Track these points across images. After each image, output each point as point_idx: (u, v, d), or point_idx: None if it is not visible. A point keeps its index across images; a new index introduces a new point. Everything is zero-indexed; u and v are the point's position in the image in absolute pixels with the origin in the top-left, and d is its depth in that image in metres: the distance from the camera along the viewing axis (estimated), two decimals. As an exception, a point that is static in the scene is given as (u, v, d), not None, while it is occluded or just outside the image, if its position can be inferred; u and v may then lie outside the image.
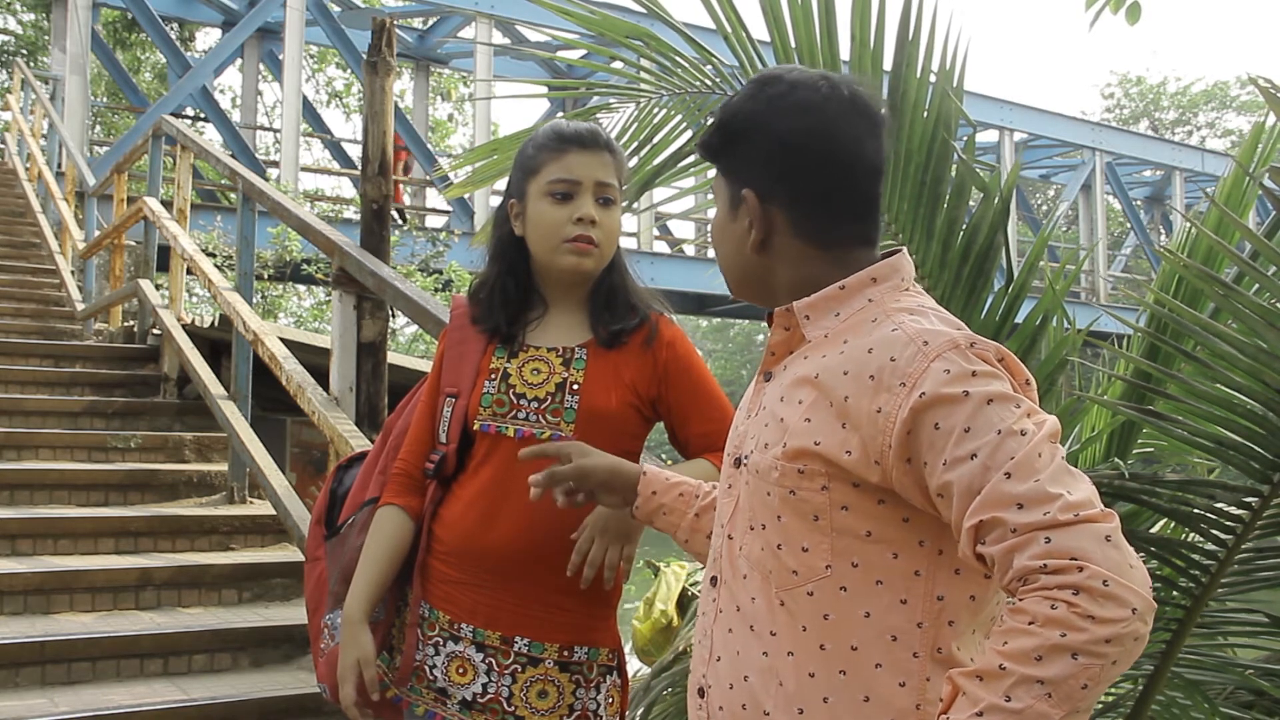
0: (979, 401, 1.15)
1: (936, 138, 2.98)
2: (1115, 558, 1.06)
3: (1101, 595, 1.04)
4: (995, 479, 1.11)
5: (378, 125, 3.98)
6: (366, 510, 2.01)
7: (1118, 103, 34.48)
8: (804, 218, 1.34)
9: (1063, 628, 1.04)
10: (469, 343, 1.95)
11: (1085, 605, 1.04)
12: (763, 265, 1.36)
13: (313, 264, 10.74)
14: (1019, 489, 1.10)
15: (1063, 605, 1.04)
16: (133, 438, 5.31)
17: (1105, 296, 19.90)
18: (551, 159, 1.88)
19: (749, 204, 1.34)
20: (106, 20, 17.86)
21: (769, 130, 1.33)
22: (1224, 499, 2.59)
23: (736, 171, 1.37)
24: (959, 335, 1.21)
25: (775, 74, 1.37)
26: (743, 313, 19.56)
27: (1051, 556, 1.06)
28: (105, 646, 3.54)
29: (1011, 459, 1.12)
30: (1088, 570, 1.05)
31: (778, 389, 1.33)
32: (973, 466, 1.13)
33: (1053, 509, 1.08)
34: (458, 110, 22.98)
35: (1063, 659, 1.04)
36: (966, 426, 1.15)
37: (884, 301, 1.30)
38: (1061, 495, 1.09)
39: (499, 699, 1.83)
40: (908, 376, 1.19)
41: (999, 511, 1.10)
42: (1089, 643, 1.03)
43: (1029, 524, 1.08)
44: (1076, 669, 1.04)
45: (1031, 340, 2.93)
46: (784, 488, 1.27)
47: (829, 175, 1.33)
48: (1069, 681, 1.04)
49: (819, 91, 1.33)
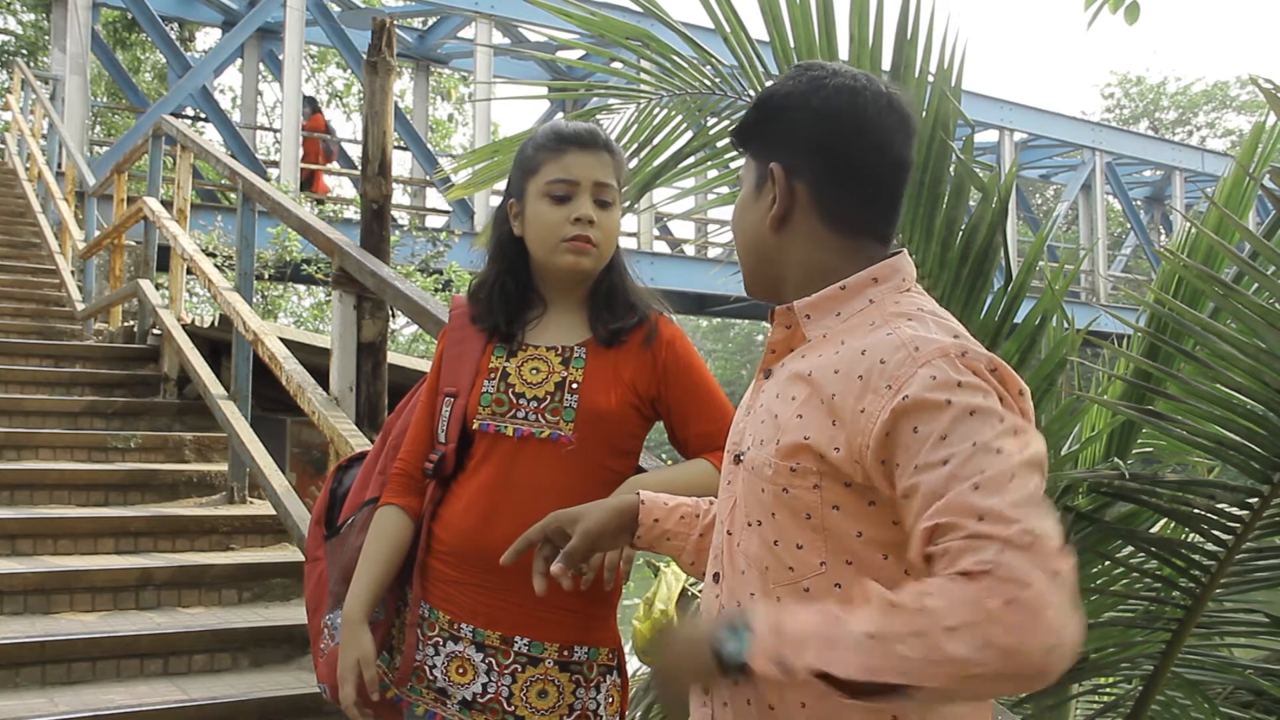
0: (960, 411, 1.15)
1: (935, 138, 2.98)
2: (1058, 597, 1.04)
3: (1032, 620, 1.03)
4: (961, 488, 1.11)
5: (378, 125, 3.98)
6: (366, 510, 2.01)
7: (1118, 103, 34.48)
8: (826, 196, 1.35)
9: (988, 623, 1.03)
10: (468, 342, 1.95)
11: (1015, 617, 1.03)
12: (777, 246, 1.37)
13: (313, 264, 10.74)
14: (983, 503, 1.09)
15: (998, 604, 1.03)
16: (133, 438, 5.31)
17: (1105, 296, 19.89)
18: (550, 159, 1.88)
19: (775, 177, 1.35)
20: (106, 20, 17.86)
21: (805, 106, 1.35)
22: (1224, 499, 2.59)
23: (768, 147, 1.38)
24: (950, 344, 1.21)
25: (815, 62, 1.40)
26: (743, 313, 19.56)
27: (1001, 568, 1.05)
28: (105, 646, 3.54)
29: (982, 473, 1.11)
30: (1032, 591, 1.04)
31: (775, 386, 1.34)
32: (941, 473, 1.12)
33: (1013, 530, 1.07)
34: (458, 110, 22.97)
35: (966, 645, 1.03)
36: (943, 434, 1.14)
37: (884, 303, 1.31)
38: (1022, 520, 1.07)
39: (499, 699, 1.83)
40: (894, 380, 1.19)
41: (958, 518, 1.09)
42: (998, 650, 1.03)
43: (986, 533, 1.07)
44: (967, 662, 1.03)
45: (1031, 340, 2.93)
46: (777, 485, 1.27)
47: (856, 156, 1.34)
48: (952, 665, 1.04)
49: (857, 80, 1.35)
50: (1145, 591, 2.95)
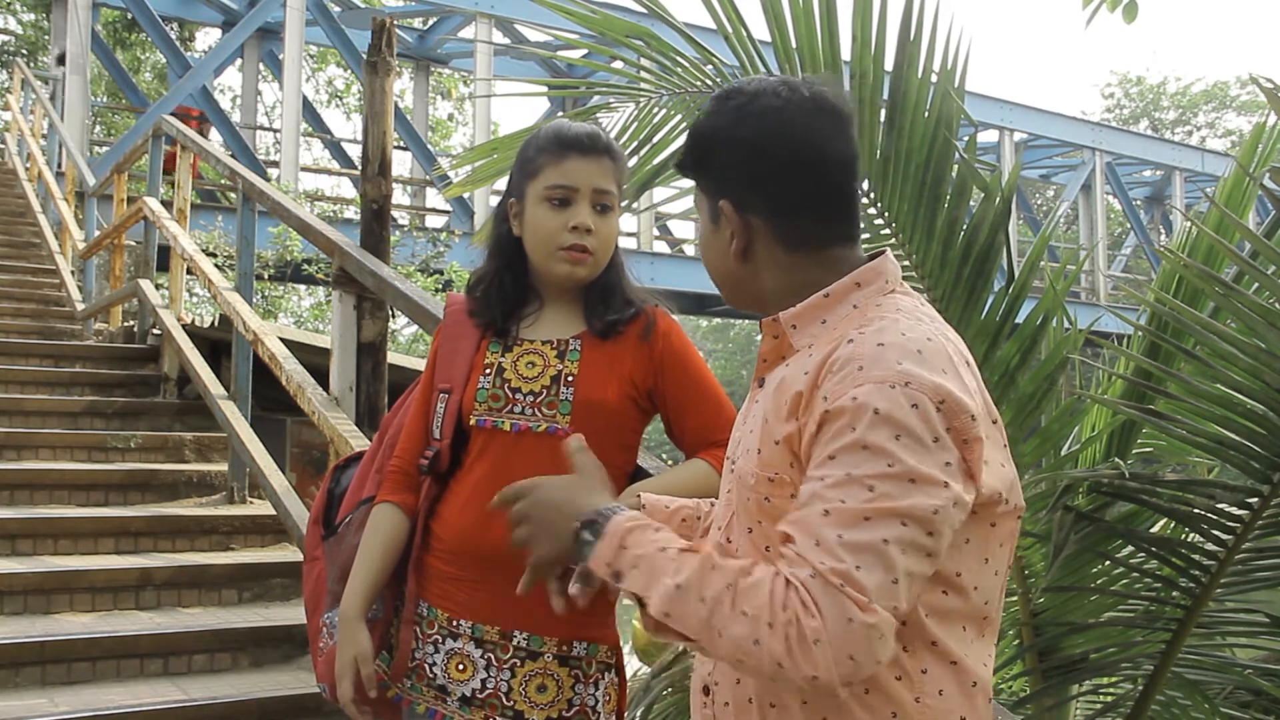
0: (855, 441, 1.16)
1: (937, 137, 2.98)
2: (841, 637, 1.09)
3: (803, 647, 1.09)
4: (815, 508, 1.15)
5: (378, 125, 3.98)
6: (363, 509, 2.01)
7: (1118, 103, 34.48)
8: (782, 222, 1.35)
9: (770, 626, 1.11)
10: (463, 339, 1.96)
11: (791, 635, 1.10)
12: (748, 273, 1.38)
13: (313, 264, 10.74)
14: (822, 530, 1.14)
15: (785, 617, 1.10)
16: (133, 438, 5.31)
17: (1105, 296, 19.90)
18: (550, 163, 1.88)
19: (727, 214, 1.36)
20: (106, 20, 17.86)
21: (734, 140, 1.35)
22: (1224, 499, 2.59)
23: (712, 184, 1.38)
24: (895, 372, 1.18)
25: (735, 87, 1.39)
26: (742, 313, 19.55)
27: (807, 590, 1.11)
28: (105, 646, 3.54)
29: (841, 503, 1.14)
30: (815, 624, 1.09)
31: (765, 397, 1.34)
32: (812, 488, 1.17)
33: (828, 565, 1.12)
34: (458, 110, 22.99)
35: (744, 633, 1.12)
36: (832, 454, 1.17)
37: (866, 308, 1.30)
38: (845, 562, 1.11)
39: (498, 694, 1.83)
40: (831, 392, 1.20)
41: (799, 534, 1.15)
42: (767, 653, 1.11)
43: (808, 558, 1.13)
44: (738, 647, 1.12)
45: (1032, 340, 2.93)
46: (760, 494, 1.29)
47: (798, 177, 1.34)
48: (727, 643, 1.13)
49: (779, 96, 1.34)
50: (1145, 591, 2.95)
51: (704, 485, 1.81)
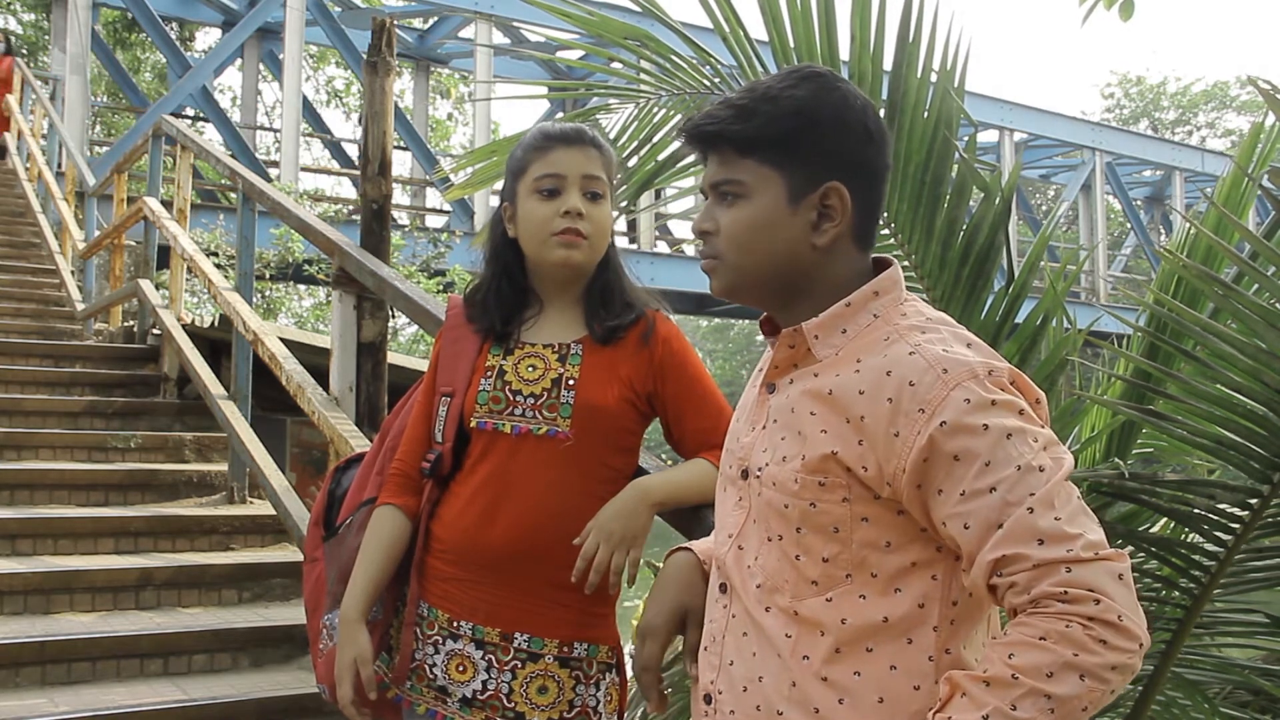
0: (999, 435, 1.17)
1: (937, 137, 2.98)
2: (1127, 596, 1.12)
3: (1114, 627, 1.10)
4: (1017, 514, 1.15)
5: (378, 125, 3.98)
6: (364, 510, 2.02)
7: (1118, 103, 34.47)
8: (864, 218, 1.34)
9: (1075, 647, 1.09)
10: (464, 342, 1.96)
11: (1099, 631, 1.10)
12: (816, 264, 1.33)
13: (314, 264, 10.74)
14: (1040, 525, 1.14)
15: (1077, 627, 1.10)
16: (133, 438, 5.31)
17: (1105, 296, 19.90)
18: (537, 157, 1.90)
19: (839, 197, 1.31)
20: (106, 20, 17.86)
21: (845, 123, 1.31)
22: (1224, 499, 2.58)
23: (807, 163, 1.30)
24: (977, 363, 1.22)
25: (814, 69, 1.34)
26: (743, 313, 19.54)
27: (1071, 586, 1.11)
28: (105, 646, 3.54)
29: (1032, 495, 1.15)
30: (1104, 603, 1.10)
31: (787, 402, 1.32)
32: (992, 500, 1.16)
33: (1075, 546, 1.13)
34: (458, 110, 22.98)
35: (1071, 678, 1.09)
36: (987, 460, 1.17)
37: (889, 316, 1.30)
38: (1081, 534, 1.14)
39: (499, 695, 1.84)
40: (927, 404, 1.20)
41: (1021, 547, 1.14)
42: (1099, 666, 1.09)
43: (1050, 559, 1.13)
44: (1082, 690, 1.09)
45: (1032, 340, 2.93)
46: (804, 500, 1.27)
47: (883, 172, 1.35)
48: (1073, 701, 1.09)
49: (860, 92, 1.35)
50: (1145, 591, 2.95)
51: (708, 484, 1.81)
